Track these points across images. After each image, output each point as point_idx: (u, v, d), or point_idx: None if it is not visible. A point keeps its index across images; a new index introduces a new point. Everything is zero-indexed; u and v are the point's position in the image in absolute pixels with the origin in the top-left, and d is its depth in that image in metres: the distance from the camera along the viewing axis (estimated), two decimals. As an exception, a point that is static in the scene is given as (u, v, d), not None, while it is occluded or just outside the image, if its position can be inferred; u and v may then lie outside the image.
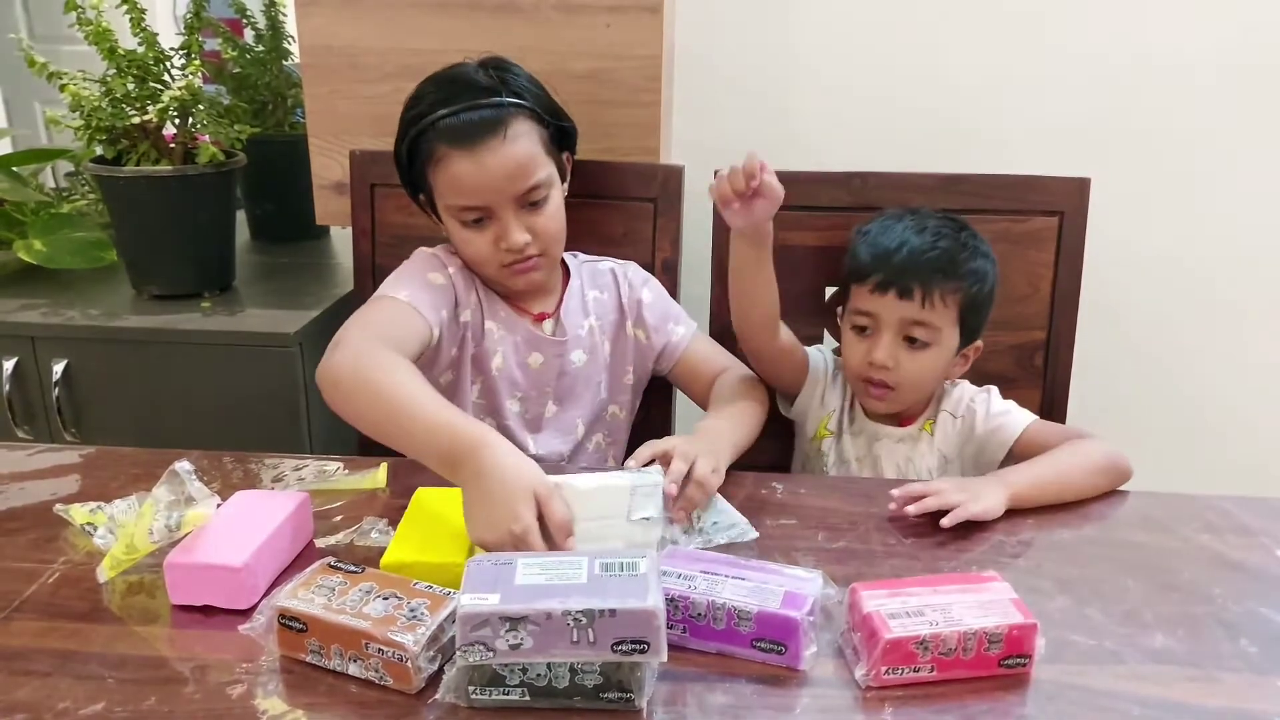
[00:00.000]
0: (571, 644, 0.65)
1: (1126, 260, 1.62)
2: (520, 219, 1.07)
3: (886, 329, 1.09)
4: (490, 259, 1.09)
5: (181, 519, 0.81)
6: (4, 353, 1.41)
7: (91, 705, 0.68)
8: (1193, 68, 1.58)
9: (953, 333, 1.10)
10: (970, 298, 1.09)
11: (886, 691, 0.71)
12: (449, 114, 1.05)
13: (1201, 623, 0.80)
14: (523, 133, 1.06)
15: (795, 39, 1.62)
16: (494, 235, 1.08)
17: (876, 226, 1.13)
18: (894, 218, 1.13)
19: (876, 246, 1.10)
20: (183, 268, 1.50)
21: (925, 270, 1.07)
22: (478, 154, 1.04)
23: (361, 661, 0.70)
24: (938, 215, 1.14)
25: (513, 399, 1.16)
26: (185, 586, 0.79)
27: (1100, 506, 1.00)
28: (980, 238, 1.13)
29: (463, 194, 1.06)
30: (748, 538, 0.92)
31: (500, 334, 1.15)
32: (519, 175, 1.06)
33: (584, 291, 1.20)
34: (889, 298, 1.08)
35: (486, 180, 1.05)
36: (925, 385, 1.13)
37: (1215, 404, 1.75)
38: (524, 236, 1.07)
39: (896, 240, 1.09)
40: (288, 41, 1.71)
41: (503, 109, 1.05)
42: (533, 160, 1.06)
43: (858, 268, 1.11)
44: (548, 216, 1.09)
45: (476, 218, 1.08)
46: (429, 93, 1.08)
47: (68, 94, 1.36)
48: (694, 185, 1.28)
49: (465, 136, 1.04)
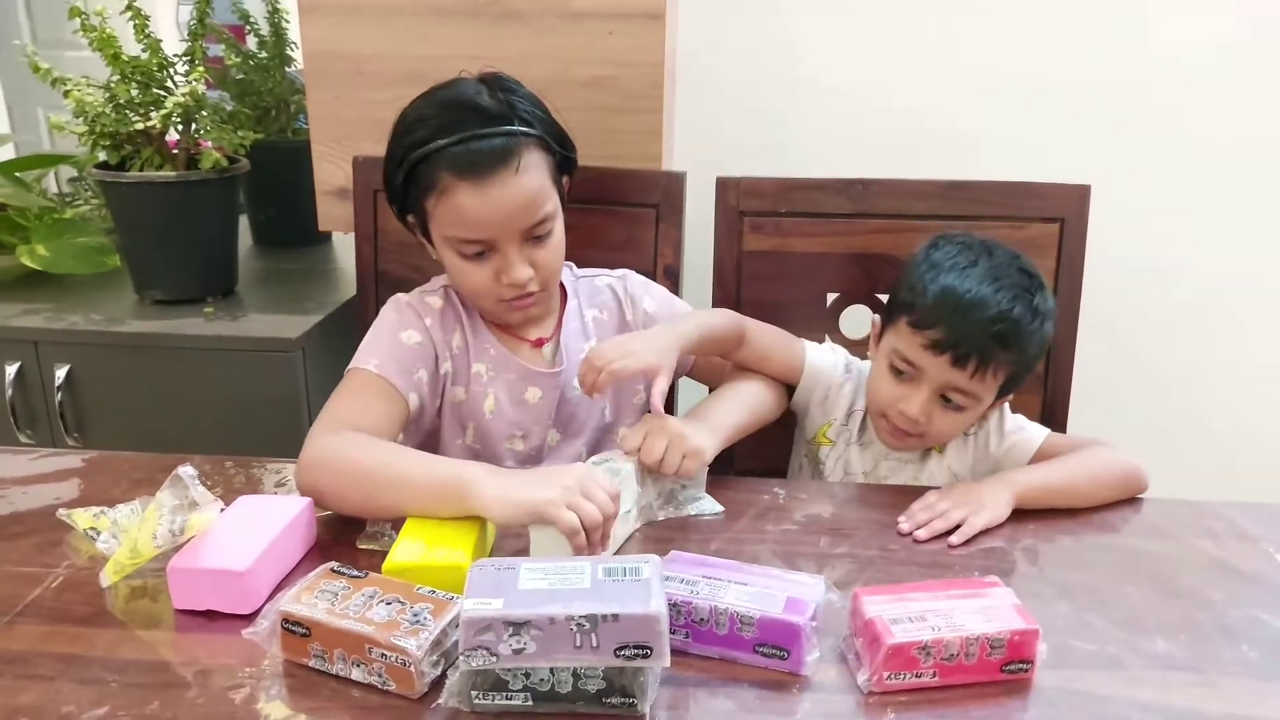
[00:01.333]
0: (575, 649, 0.65)
1: (1127, 267, 1.63)
2: (524, 253, 1.02)
3: (927, 384, 1.02)
4: (489, 293, 1.04)
5: (185, 524, 0.81)
6: (7, 357, 1.41)
7: (95, 709, 0.68)
8: (1195, 73, 1.59)
9: (991, 397, 1.04)
10: (1021, 366, 1.03)
11: (889, 697, 0.71)
12: (456, 142, 0.98)
13: (1202, 628, 0.80)
14: (533, 164, 1.00)
15: (796, 46, 1.63)
16: (495, 269, 1.02)
17: (944, 261, 1.03)
18: (961, 253, 1.03)
19: (944, 295, 1.00)
20: (186, 273, 1.50)
21: (989, 343, 0.98)
22: (486, 187, 0.97)
23: (365, 666, 0.70)
24: (1009, 262, 1.03)
25: (511, 439, 1.11)
26: (188, 592, 0.79)
27: (1101, 513, 1.00)
28: (1049, 296, 1.04)
29: (466, 227, 1.00)
30: (714, 511, 0.97)
31: (490, 375, 1.09)
32: (528, 209, 1.00)
33: (582, 312, 1.15)
34: (942, 359, 1.00)
35: (493, 215, 0.99)
36: (948, 439, 1.09)
37: (1215, 410, 1.75)
38: (527, 271, 1.02)
39: (967, 294, 0.99)
40: (290, 48, 1.72)
41: (514, 139, 0.99)
42: (541, 192, 1.01)
43: (917, 310, 1.02)
44: (550, 250, 1.04)
45: (478, 251, 1.02)
46: (430, 116, 1.01)
47: (72, 100, 1.36)
48: (696, 192, 1.29)
49: (473, 168, 0.97)
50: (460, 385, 1.10)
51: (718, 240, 1.26)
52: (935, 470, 1.12)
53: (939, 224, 1.22)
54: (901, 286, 1.06)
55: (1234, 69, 1.58)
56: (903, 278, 1.07)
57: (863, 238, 1.25)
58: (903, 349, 1.04)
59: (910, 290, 1.04)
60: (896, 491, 1.03)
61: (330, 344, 1.45)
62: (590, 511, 0.82)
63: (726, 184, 1.25)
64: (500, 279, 1.02)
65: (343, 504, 0.92)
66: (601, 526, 0.83)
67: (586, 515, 0.81)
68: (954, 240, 1.06)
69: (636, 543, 0.92)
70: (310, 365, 1.40)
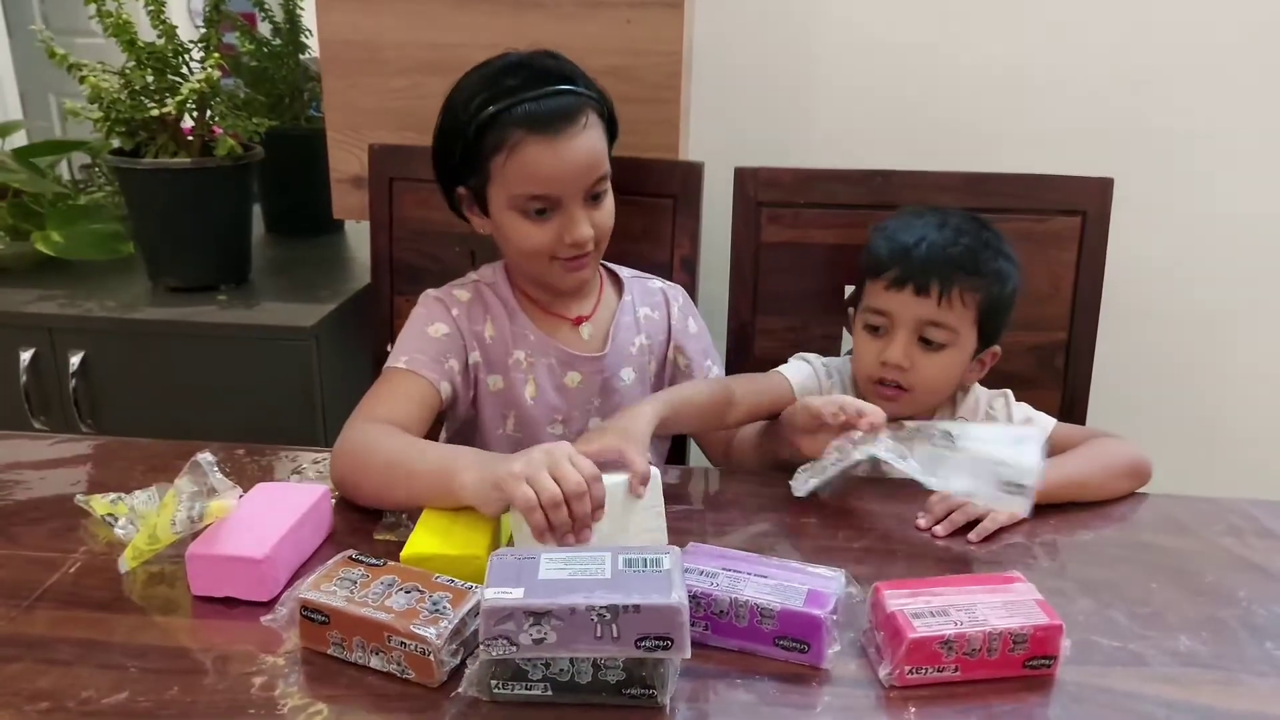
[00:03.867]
0: (595, 639, 0.65)
1: (1148, 261, 1.61)
2: (585, 212, 1.04)
3: (901, 328, 1.05)
4: (549, 253, 1.05)
5: (204, 510, 0.81)
6: (22, 344, 1.41)
7: (114, 695, 0.68)
8: (1219, 66, 1.57)
9: (970, 335, 1.07)
10: (990, 298, 1.06)
11: (910, 691, 0.70)
12: (532, 98, 1.00)
13: (1226, 626, 0.79)
14: (594, 124, 1.03)
15: (815, 37, 1.61)
16: (557, 228, 1.04)
17: (895, 222, 1.10)
18: (914, 214, 1.10)
19: (894, 241, 1.07)
20: (200, 260, 1.50)
21: (945, 266, 1.03)
22: (557, 141, 1.00)
23: (383, 655, 0.70)
24: (960, 213, 1.10)
25: (553, 424, 1.12)
26: (206, 578, 0.79)
27: (1121, 509, 0.99)
28: (1004, 239, 1.10)
29: (537, 182, 1.01)
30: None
31: (530, 361, 1.10)
32: (593, 166, 1.03)
33: (636, 308, 1.17)
34: (905, 294, 1.04)
35: (563, 169, 1.01)
36: (940, 389, 1.10)
37: (1238, 406, 1.74)
38: (589, 230, 1.04)
39: (916, 235, 1.06)
40: (305, 34, 1.72)
41: (580, 98, 1.03)
42: (602, 152, 1.05)
43: (874, 263, 1.08)
44: (605, 212, 1.07)
45: (541, 208, 1.03)
46: (494, 81, 1.02)
47: (88, 86, 1.36)
48: (714, 182, 1.28)
49: (546, 123, 1.00)
50: (499, 373, 1.10)
51: (735, 231, 1.25)
52: None
53: (959, 216, 1.21)
54: (862, 260, 1.11)
55: (1259, 61, 1.56)
56: (862, 255, 1.12)
57: (882, 230, 1.24)
58: (870, 303, 1.08)
59: (868, 254, 1.09)
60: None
61: (343, 332, 1.45)
62: (548, 488, 0.77)
63: (744, 174, 1.25)
64: (563, 239, 1.04)
65: (363, 495, 0.94)
66: (565, 506, 0.77)
67: (544, 492, 0.77)
68: (902, 210, 1.13)
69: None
70: (323, 353, 1.40)
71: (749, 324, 1.27)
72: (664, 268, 1.26)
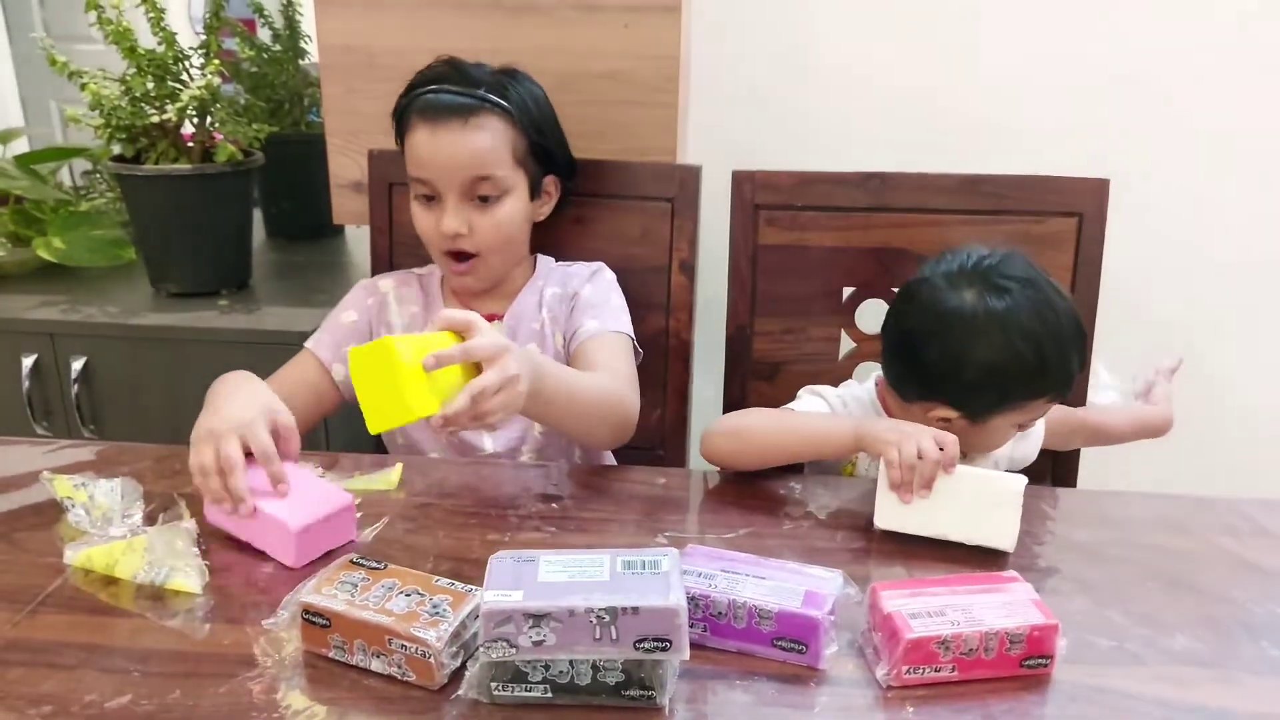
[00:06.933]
0: (594, 641, 0.65)
1: (1145, 261, 1.62)
2: (463, 210, 1.10)
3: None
4: (432, 241, 1.14)
5: (168, 577, 0.82)
6: (24, 349, 1.42)
7: (118, 698, 0.68)
8: (1216, 66, 1.58)
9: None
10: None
11: (907, 691, 0.71)
12: (428, 91, 1.11)
13: (1223, 625, 0.80)
14: (489, 127, 1.10)
15: (812, 39, 1.62)
16: (437, 216, 1.11)
17: (992, 327, 0.98)
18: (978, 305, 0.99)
19: (1022, 349, 0.97)
20: (200, 266, 1.51)
21: (1076, 353, 1.02)
22: (437, 131, 1.09)
23: (384, 657, 0.70)
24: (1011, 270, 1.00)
25: None
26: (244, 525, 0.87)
27: (1118, 508, 1.00)
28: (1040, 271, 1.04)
29: (416, 164, 1.11)
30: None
31: None
32: (469, 163, 1.09)
33: (544, 290, 1.20)
34: (1055, 397, 1.02)
35: (438, 156, 1.09)
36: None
37: (1235, 405, 1.74)
38: (459, 225, 1.10)
39: (1044, 337, 0.98)
40: (304, 40, 1.72)
41: (475, 100, 1.10)
42: (490, 154, 1.10)
43: (1017, 382, 0.99)
44: (494, 220, 1.11)
45: (427, 194, 1.12)
46: (422, 73, 1.14)
47: (88, 93, 1.37)
48: (712, 185, 1.28)
49: (432, 113, 1.09)
50: None
51: (733, 234, 1.26)
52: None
53: (957, 218, 1.22)
54: (951, 372, 0.99)
55: (1257, 62, 1.57)
56: (951, 364, 0.99)
57: (880, 232, 1.24)
58: (1019, 419, 1.03)
59: (992, 372, 0.98)
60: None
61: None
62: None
63: (742, 177, 1.25)
64: (440, 227, 1.11)
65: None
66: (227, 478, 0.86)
67: (224, 456, 0.86)
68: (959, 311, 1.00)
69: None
70: (324, 358, 1.40)
71: (747, 326, 1.28)
72: (662, 271, 1.27)
